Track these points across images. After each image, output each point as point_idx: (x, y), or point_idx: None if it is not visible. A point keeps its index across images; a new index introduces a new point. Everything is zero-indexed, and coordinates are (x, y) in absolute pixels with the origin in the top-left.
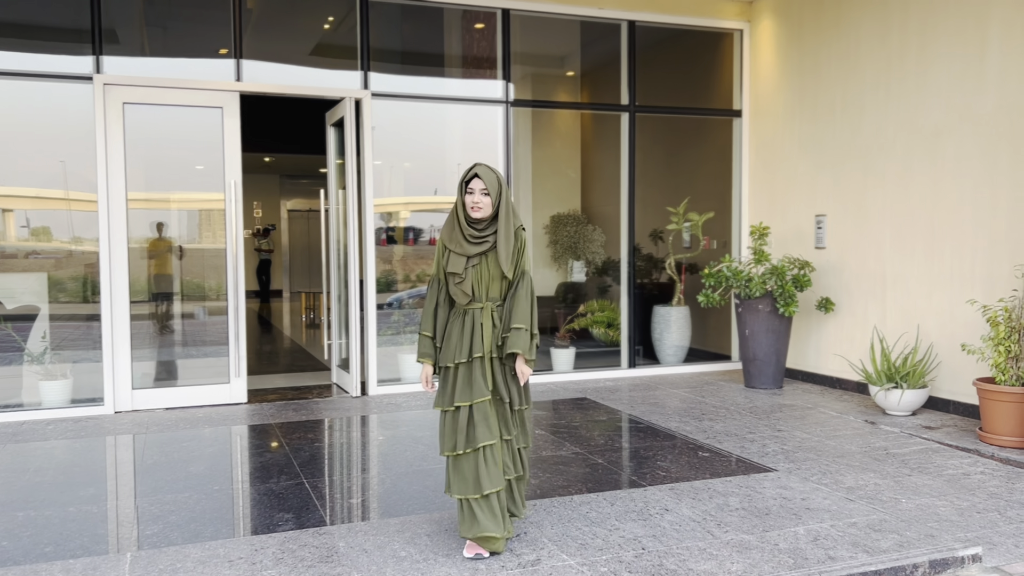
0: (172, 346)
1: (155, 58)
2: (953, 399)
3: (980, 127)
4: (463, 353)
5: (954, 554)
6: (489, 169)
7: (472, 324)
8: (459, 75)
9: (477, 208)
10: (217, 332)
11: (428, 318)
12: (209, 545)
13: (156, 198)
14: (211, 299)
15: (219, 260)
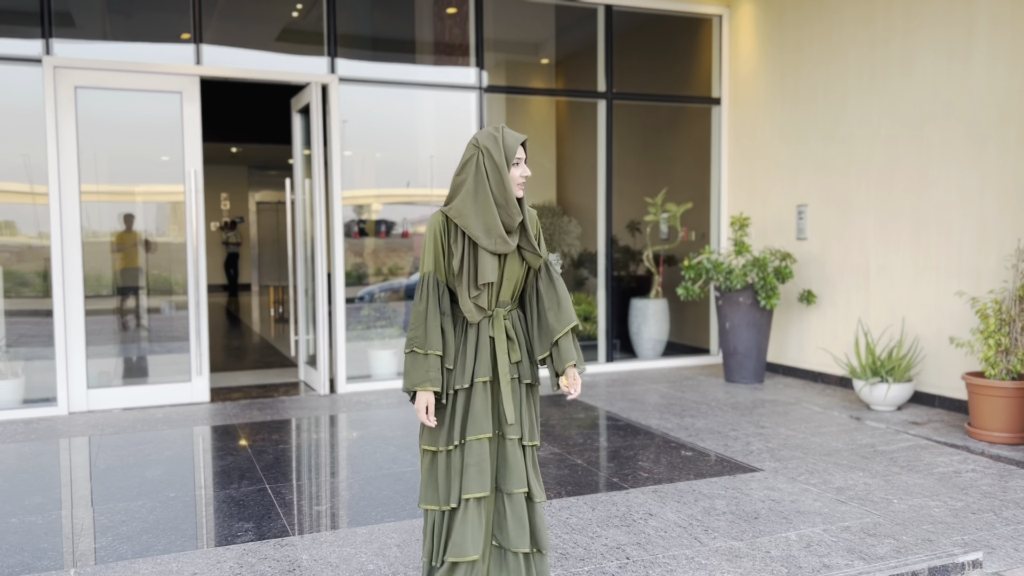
0: (130, 343)
1: (110, 42)
2: (939, 394)
3: (967, 114)
4: (465, 377)
5: (954, 560)
6: None
7: (477, 338)
8: (431, 61)
9: (523, 184)
10: (177, 328)
11: (432, 331)
12: (161, 559)
13: (112, 190)
14: (171, 294)
15: (179, 254)
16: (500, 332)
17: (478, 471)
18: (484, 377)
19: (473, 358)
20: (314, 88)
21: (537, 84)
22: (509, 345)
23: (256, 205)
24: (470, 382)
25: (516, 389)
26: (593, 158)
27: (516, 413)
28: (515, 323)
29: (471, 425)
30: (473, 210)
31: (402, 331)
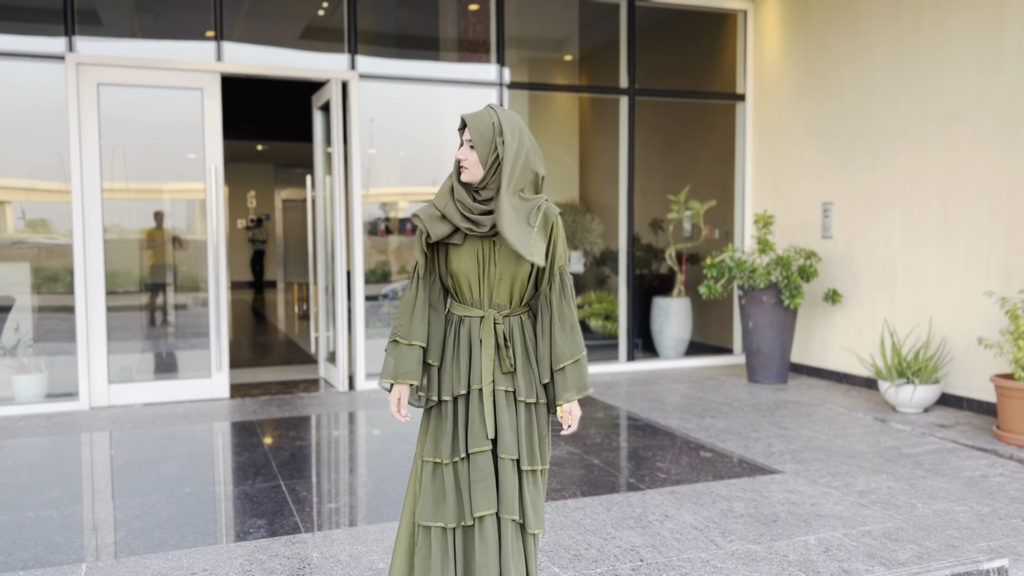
0: (151, 339)
1: (133, 39)
2: (967, 396)
3: (998, 108)
4: (461, 382)
5: (979, 567)
6: (486, 113)
7: (470, 341)
8: (452, 57)
9: (464, 167)
10: (200, 325)
11: (418, 321)
12: (172, 555)
13: (134, 187)
14: (194, 291)
15: (202, 251)
16: (489, 336)
17: (484, 486)
18: (478, 384)
19: (467, 362)
20: (334, 85)
21: (560, 80)
22: (499, 352)
23: (282, 203)
24: (467, 388)
25: (507, 403)
26: (615, 156)
27: (512, 430)
28: (514, 330)
29: (472, 436)
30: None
31: None
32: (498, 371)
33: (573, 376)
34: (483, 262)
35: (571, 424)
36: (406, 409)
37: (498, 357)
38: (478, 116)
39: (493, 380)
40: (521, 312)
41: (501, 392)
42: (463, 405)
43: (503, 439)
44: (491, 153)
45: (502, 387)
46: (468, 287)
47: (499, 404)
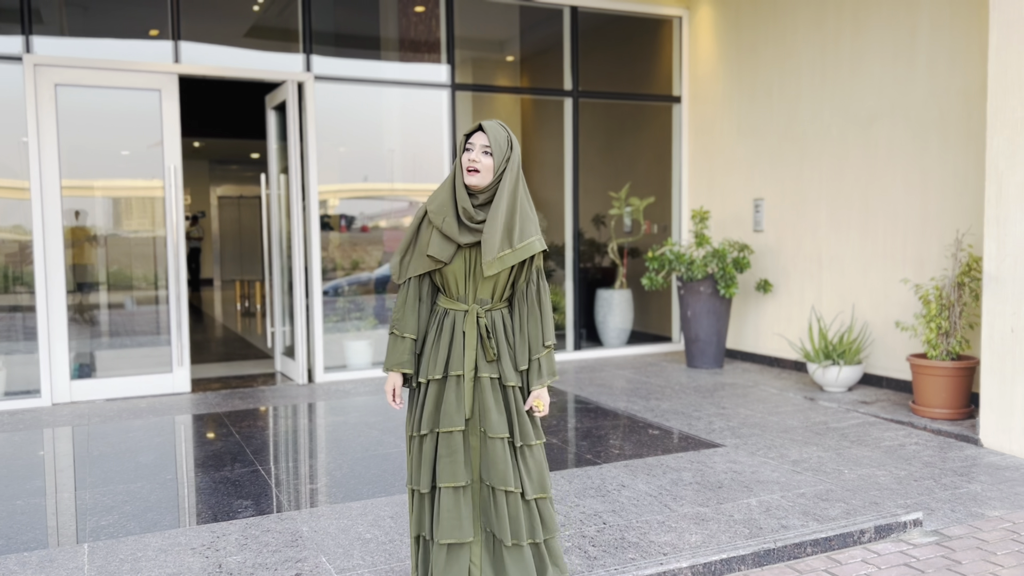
0: (112, 336)
1: (90, 39)
2: (886, 375)
3: (911, 113)
4: (436, 368)
5: (897, 519)
6: (499, 127)
7: (452, 332)
8: (403, 58)
9: (473, 170)
10: (158, 321)
11: (410, 314)
12: (169, 533)
13: (91, 185)
14: (151, 288)
15: (159, 248)
16: (472, 329)
17: (450, 462)
18: (457, 371)
19: (447, 351)
20: (290, 86)
21: (501, 82)
22: (482, 343)
23: (218, 200)
24: (443, 374)
25: (493, 388)
26: (557, 153)
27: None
28: (496, 323)
29: (444, 417)
30: (436, 196)
31: (378, 322)
32: (482, 359)
33: (545, 365)
34: (471, 262)
35: (542, 408)
36: (400, 397)
37: (482, 347)
38: (495, 127)
39: (476, 368)
40: (502, 306)
41: (486, 379)
42: (435, 388)
43: (490, 421)
44: (503, 163)
45: (486, 374)
46: (455, 284)
47: (483, 389)
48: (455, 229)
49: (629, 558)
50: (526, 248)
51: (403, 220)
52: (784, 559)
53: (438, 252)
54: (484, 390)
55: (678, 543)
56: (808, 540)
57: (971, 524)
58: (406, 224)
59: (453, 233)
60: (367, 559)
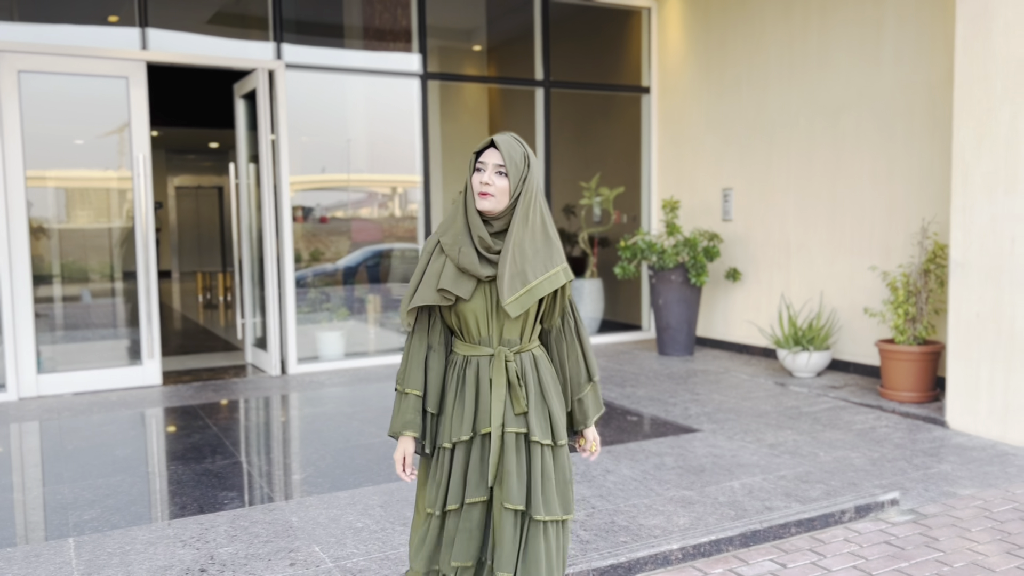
0: (80, 328)
1: (55, 24)
2: (854, 360)
3: (877, 103)
4: (464, 426)
5: (875, 499)
6: (515, 141)
7: (477, 381)
8: (374, 47)
9: (487, 193)
10: (127, 312)
11: (415, 366)
12: (155, 526)
13: (57, 175)
14: (119, 280)
15: (128, 238)
16: (500, 375)
17: (467, 538)
18: (485, 428)
19: (474, 406)
20: (261, 74)
21: (469, 71)
22: (511, 392)
23: (175, 190)
24: (471, 433)
25: (516, 447)
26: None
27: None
28: (527, 368)
29: (470, 486)
30: (446, 224)
31: (349, 313)
32: (509, 412)
33: (592, 402)
34: (492, 298)
35: (595, 451)
36: (411, 467)
37: (511, 397)
38: (509, 142)
39: (503, 423)
40: (532, 347)
41: (511, 435)
42: (463, 452)
43: (507, 486)
44: (520, 184)
45: (512, 429)
46: (476, 325)
47: (507, 448)
48: (475, 261)
49: (621, 541)
50: (549, 281)
51: (372, 210)
52: (770, 539)
53: (452, 286)
54: (508, 450)
55: (667, 526)
56: (792, 521)
57: (944, 503)
58: (377, 215)
59: (472, 266)
60: (360, 547)
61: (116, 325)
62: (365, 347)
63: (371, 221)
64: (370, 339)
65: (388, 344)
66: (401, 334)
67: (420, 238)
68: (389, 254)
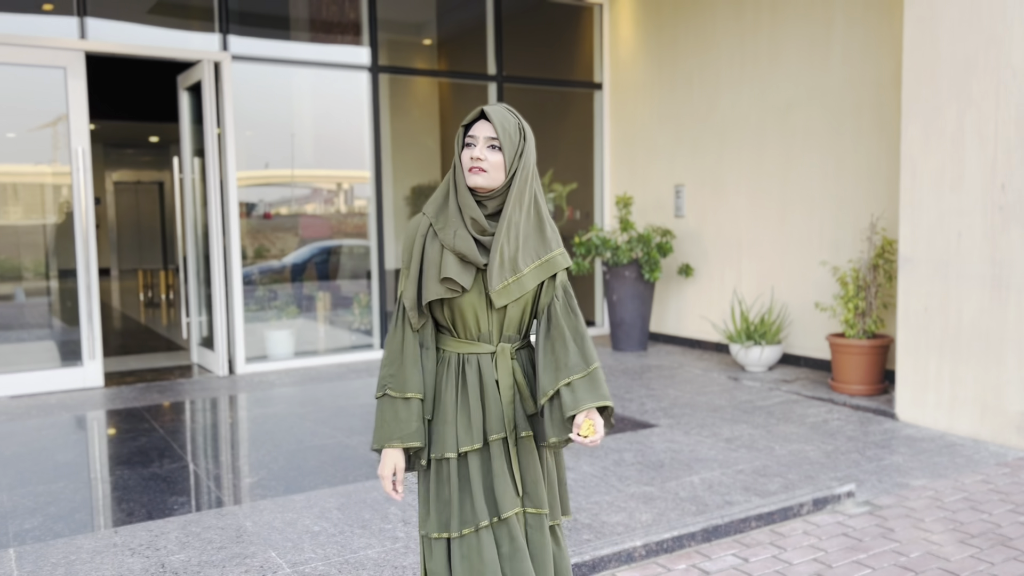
0: (14, 328)
1: None
2: (805, 355)
3: (827, 101)
4: (476, 434)
5: (832, 492)
6: (508, 112)
7: (481, 383)
8: (324, 39)
9: (478, 168)
10: (65, 311)
11: (411, 366)
12: (102, 534)
13: None
14: (55, 277)
15: (67, 235)
16: (506, 375)
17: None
18: (500, 434)
19: (480, 409)
20: (206, 66)
21: (419, 65)
22: (521, 393)
23: (114, 185)
24: (482, 440)
25: (530, 450)
26: None
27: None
28: (527, 366)
29: (502, 498)
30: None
31: (299, 311)
32: (520, 415)
33: (585, 388)
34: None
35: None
36: (403, 485)
37: (520, 398)
38: (501, 112)
39: (516, 426)
40: (525, 343)
41: (526, 439)
42: (477, 462)
43: (539, 494)
44: (515, 159)
45: (528, 433)
46: (475, 319)
47: (524, 453)
48: (472, 246)
49: (585, 539)
50: (547, 266)
51: (321, 205)
52: (731, 534)
53: (458, 275)
54: (531, 453)
55: (630, 522)
56: (752, 515)
57: (898, 494)
58: (326, 211)
59: (471, 252)
60: (319, 551)
61: (53, 325)
62: (315, 346)
63: (320, 217)
64: (320, 337)
65: (339, 343)
66: (354, 331)
67: (371, 234)
68: (339, 250)
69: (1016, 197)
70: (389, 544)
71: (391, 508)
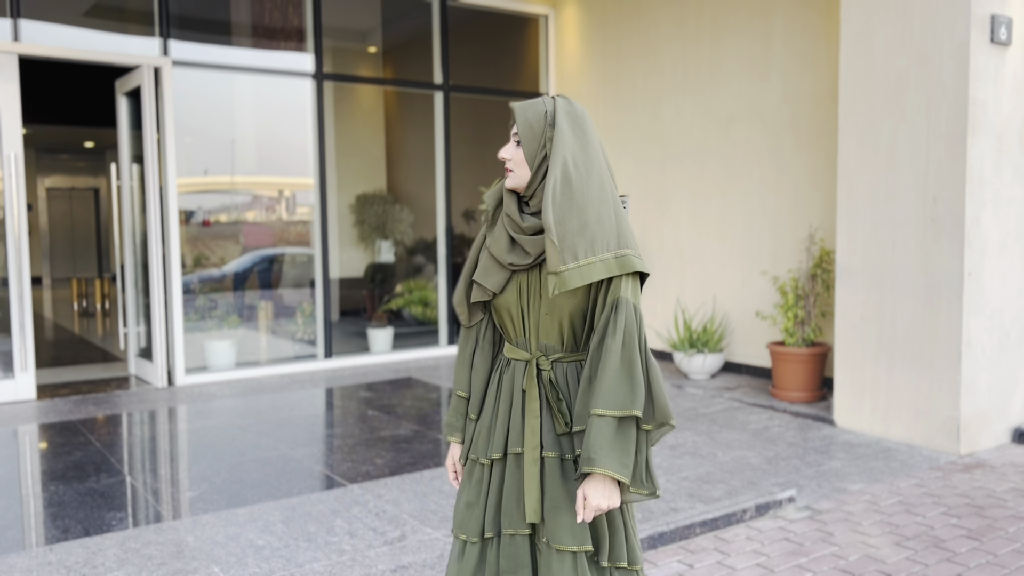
0: None
1: None
2: (746, 362)
3: (766, 115)
4: (496, 443)
5: (774, 497)
6: (537, 101)
7: (512, 392)
8: (267, 46)
9: (508, 169)
10: None
11: (461, 367)
12: (36, 552)
13: None
14: None
15: None
16: (533, 387)
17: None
18: (517, 448)
19: (507, 418)
20: (146, 71)
21: (363, 72)
22: (551, 409)
23: (46, 192)
24: (502, 451)
25: (563, 474)
26: (423, 147)
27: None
28: (569, 380)
29: (507, 513)
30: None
31: (241, 320)
32: (548, 432)
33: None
34: (527, 292)
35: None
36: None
37: (550, 413)
38: (529, 104)
39: (541, 444)
40: (577, 358)
41: (554, 460)
42: (499, 472)
43: (558, 524)
44: (540, 150)
45: (554, 453)
46: (511, 323)
47: (550, 476)
48: (502, 246)
49: None
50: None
51: (264, 213)
52: (676, 540)
53: (483, 277)
54: (551, 478)
55: None
56: (697, 522)
57: (837, 498)
58: (269, 218)
59: (499, 252)
60: (263, 566)
61: None
62: (257, 356)
63: (262, 225)
64: (262, 348)
65: (282, 353)
66: (297, 342)
67: (315, 242)
68: (281, 259)
69: (946, 209)
70: (335, 557)
71: (336, 520)
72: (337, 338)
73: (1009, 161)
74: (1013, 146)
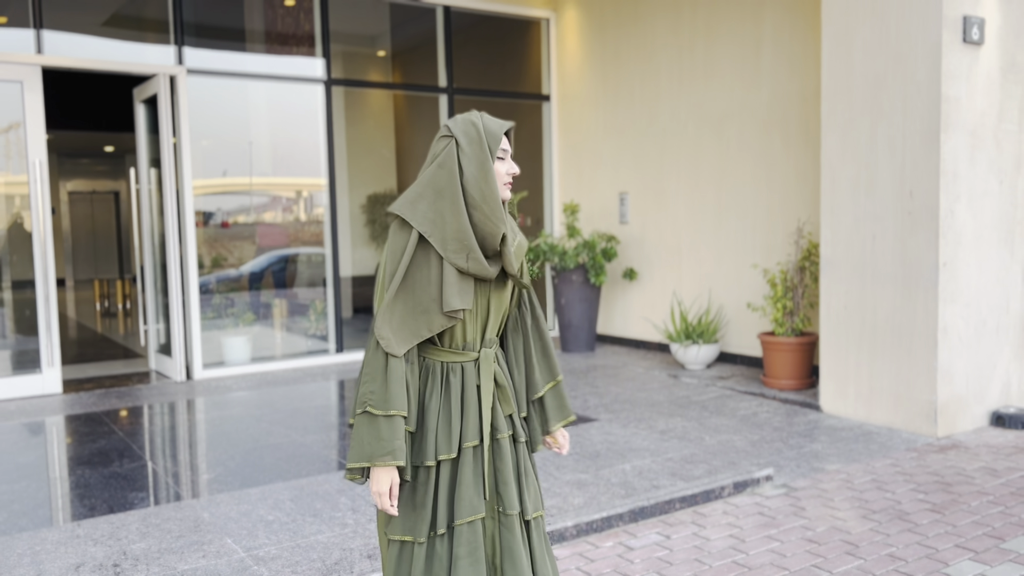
0: None
1: None
2: (740, 352)
3: (757, 114)
4: (451, 443)
5: (751, 476)
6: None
7: (463, 391)
8: (278, 52)
9: (510, 184)
10: (22, 320)
11: (396, 383)
12: (66, 527)
13: None
14: (7, 288)
15: (21, 245)
16: (488, 380)
17: (471, 562)
18: (473, 441)
19: (459, 416)
20: (162, 80)
21: (373, 77)
22: (499, 394)
23: (68, 195)
24: (458, 449)
25: (510, 450)
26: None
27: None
28: (503, 367)
29: (460, 504)
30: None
31: (256, 318)
32: (499, 417)
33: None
34: (485, 292)
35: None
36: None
37: (500, 400)
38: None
39: (493, 429)
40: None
41: (505, 440)
42: (448, 470)
43: (509, 495)
44: None
45: (505, 434)
46: (463, 329)
47: (503, 455)
48: (485, 263)
49: None
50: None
51: (277, 214)
52: (656, 514)
53: (462, 300)
54: (504, 455)
55: (563, 506)
56: (677, 497)
57: (813, 477)
58: (282, 220)
59: (483, 270)
60: (272, 538)
61: (9, 334)
62: (272, 351)
63: (276, 226)
64: (277, 343)
65: (295, 348)
66: (310, 337)
67: (327, 242)
68: (295, 259)
69: (922, 203)
70: (339, 529)
71: (341, 498)
72: (348, 334)
73: (984, 156)
74: (987, 141)
